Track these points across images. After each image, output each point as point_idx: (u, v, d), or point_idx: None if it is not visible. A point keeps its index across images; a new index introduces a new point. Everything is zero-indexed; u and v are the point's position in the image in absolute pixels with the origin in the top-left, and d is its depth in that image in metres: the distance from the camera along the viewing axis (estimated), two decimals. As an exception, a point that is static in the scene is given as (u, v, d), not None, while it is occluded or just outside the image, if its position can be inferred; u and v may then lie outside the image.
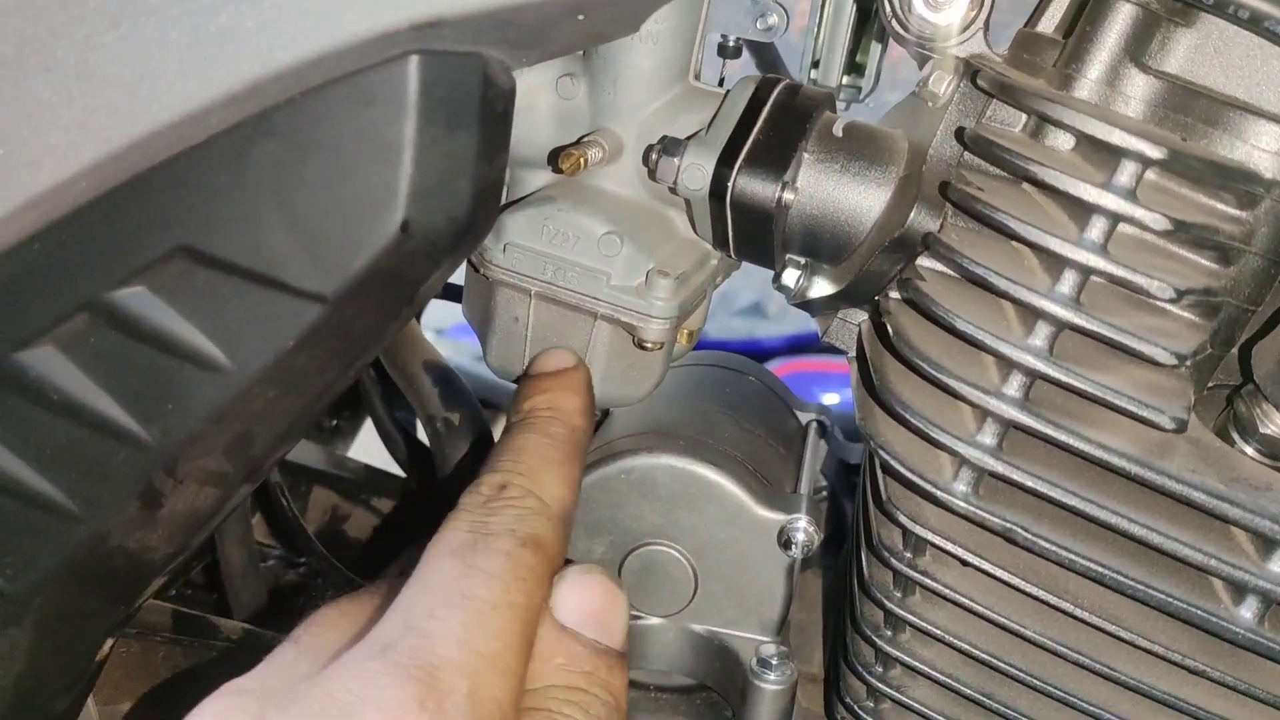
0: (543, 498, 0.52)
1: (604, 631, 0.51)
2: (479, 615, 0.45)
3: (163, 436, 0.52)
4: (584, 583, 0.51)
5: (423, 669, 0.42)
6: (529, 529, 0.50)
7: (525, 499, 0.52)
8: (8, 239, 0.50)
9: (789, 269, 0.63)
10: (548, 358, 0.63)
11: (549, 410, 0.58)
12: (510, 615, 0.46)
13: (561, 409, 0.59)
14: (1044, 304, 0.51)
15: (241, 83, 0.46)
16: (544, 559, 0.49)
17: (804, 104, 0.61)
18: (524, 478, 0.53)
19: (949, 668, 0.61)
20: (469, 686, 0.42)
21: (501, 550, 0.48)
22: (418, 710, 0.41)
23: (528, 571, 0.48)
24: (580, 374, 0.62)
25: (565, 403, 0.59)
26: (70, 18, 0.46)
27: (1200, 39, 0.53)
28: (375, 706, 0.40)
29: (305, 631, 0.48)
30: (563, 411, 0.59)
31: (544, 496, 0.52)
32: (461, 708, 0.41)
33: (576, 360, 0.63)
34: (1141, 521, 0.52)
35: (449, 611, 0.44)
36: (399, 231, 0.48)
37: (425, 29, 0.46)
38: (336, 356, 0.53)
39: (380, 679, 0.41)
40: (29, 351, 0.52)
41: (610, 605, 0.51)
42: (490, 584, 0.46)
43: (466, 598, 0.45)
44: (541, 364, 0.63)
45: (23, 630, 0.57)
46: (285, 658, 0.47)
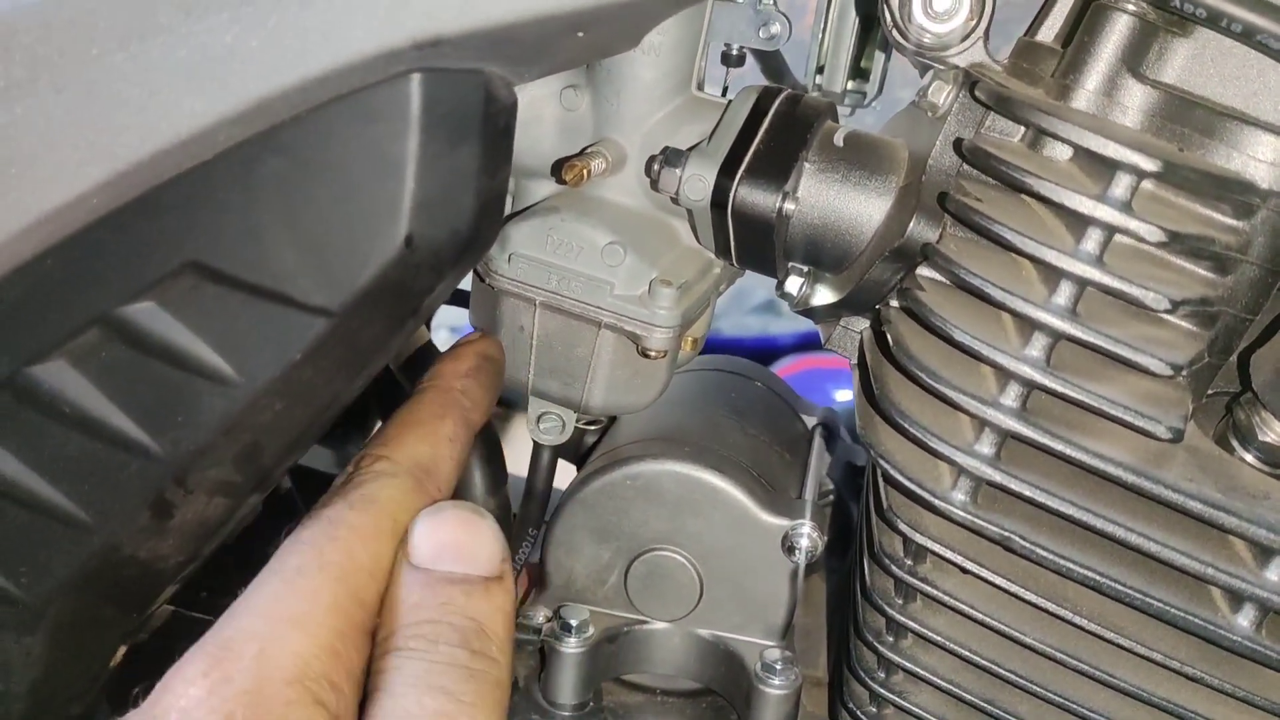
0: (392, 458, 0.53)
1: (462, 559, 0.50)
2: (283, 583, 0.46)
3: (173, 448, 0.53)
4: (433, 520, 0.51)
5: (218, 644, 0.44)
6: (362, 491, 0.51)
7: (374, 464, 0.53)
8: (21, 255, 0.51)
9: (791, 277, 0.64)
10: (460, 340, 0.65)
11: (427, 379, 0.60)
12: (321, 575, 0.47)
13: (438, 374, 0.60)
14: (1040, 315, 0.51)
15: (248, 101, 0.47)
16: (376, 514, 0.50)
17: (805, 114, 0.61)
18: (380, 447, 0.54)
19: (950, 673, 0.62)
20: (259, 648, 0.44)
21: (324, 517, 0.49)
22: (201, 680, 0.43)
23: (347, 530, 0.49)
24: (472, 345, 0.63)
25: (443, 369, 0.61)
26: (80, 38, 0.47)
27: (1197, 49, 0.53)
28: (168, 689, 0.43)
29: None
30: (438, 376, 0.60)
31: (394, 457, 0.53)
32: (247, 670, 0.43)
33: (480, 335, 0.65)
34: (1139, 530, 0.52)
35: (256, 589, 0.46)
36: (403, 245, 0.49)
37: (427, 47, 0.46)
38: (343, 368, 0.54)
39: (182, 664, 0.44)
40: (42, 366, 0.53)
41: (468, 533, 0.51)
42: (300, 550, 0.47)
43: (274, 571, 0.47)
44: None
45: (38, 638, 0.58)
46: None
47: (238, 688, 0.43)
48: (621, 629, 0.74)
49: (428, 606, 0.48)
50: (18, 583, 0.57)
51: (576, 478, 0.74)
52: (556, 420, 0.70)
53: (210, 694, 0.42)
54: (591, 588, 0.73)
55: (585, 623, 0.72)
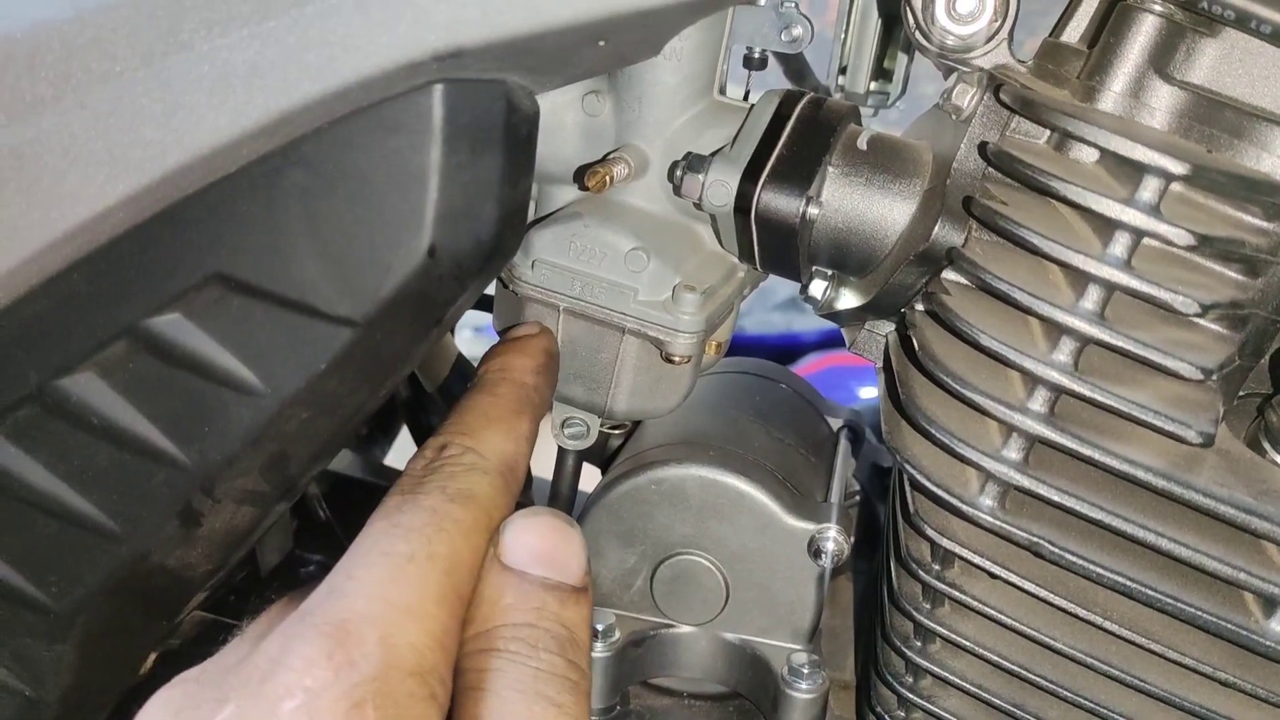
0: (481, 452, 0.52)
1: (555, 568, 0.50)
2: (394, 568, 0.45)
3: (200, 458, 0.54)
4: (528, 524, 0.51)
5: (333, 625, 0.43)
6: (459, 484, 0.50)
7: (463, 456, 0.52)
8: (48, 269, 0.51)
9: (815, 281, 0.63)
10: (514, 329, 0.65)
11: (498, 370, 0.59)
12: (430, 565, 0.46)
13: (510, 368, 0.60)
14: (1068, 319, 0.51)
15: (270, 115, 0.47)
16: (476, 511, 0.49)
17: (828, 117, 0.61)
18: (463, 436, 0.53)
19: (979, 678, 0.61)
20: (380, 634, 0.43)
21: (426, 506, 0.48)
22: (325, 663, 0.42)
23: (452, 524, 0.48)
24: (536, 339, 0.63)
25: (514, 363, 0.60)
26: (103, 55, 0.47)
27: (1225, 49, 0.52)
28: (286, 667, 0.42)
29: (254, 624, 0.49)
30: (511, 370, 0.59)
31: (482, 451, 0.52)
32: (371, 656, 0.42)
33: (540, 328, 0.64)
34: (1170, 535, 0.52)
35: (364, 570, 0.45)
36: (426, 256, 0.49)
37: (448, 59, 0.46)
38: (368, 378, 0.54)
39: (295, 641, 0.43)
40: (71, 378, 0.53)
41: (560, 541, 0.51)
42: (409, 537, 0.47)
43: (385, 555, 0.46)
44: (507, 334, 0.64)
45: (68, 646, 0.59)
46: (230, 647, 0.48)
47: (364, 674, 0.42)
48: (648, 633, 0.74)
49: (523, 610, 0.48)
50: (48, 591, 0.58)
51: (601, 482, 0.74)
52: (581, 425, 0.70)
53: (337, 678, 0.41)
54: (617, 592, 0.73)
55: (611, 627, 0.72)
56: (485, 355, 0.62)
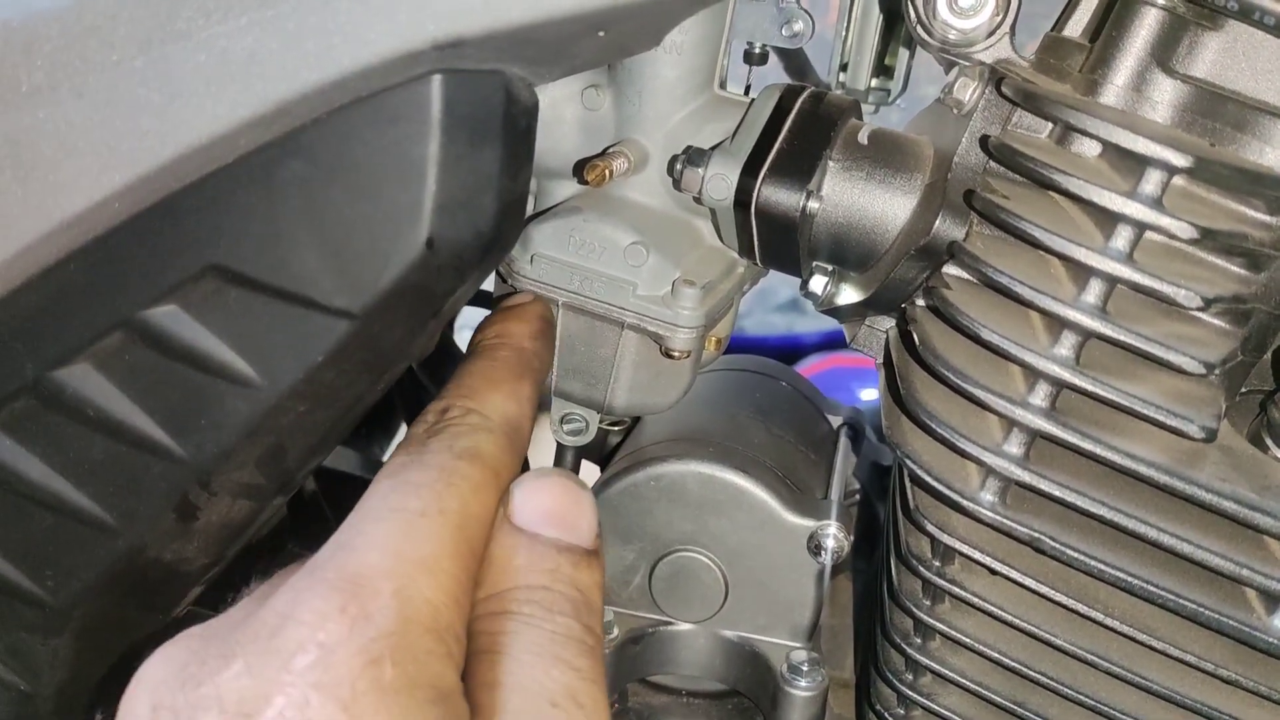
0: (484, 413, 0.51)
1: (567, 529, 0.49)
2: (406, 523, 0.44)
3: (196, 451, 0.53)
4: (539, 484, 0.50)
5: (346, 579, 0.42)
6: (465, 442, 0.49)
7: (466, 417, 0.51)
8: (45, 260, 0.51)
9: (816, 276, 0.63)
10: (508, 299, 0.64)
11: (496, 336, 0.59)
12: (441, 520, 0.45)
13: (508, 333, 0.59)
14: (1070, 313, 0.51)
15: (268, 105, 0.47)
16: (483, 468, 0.49)
17: (829, 112, 0.61)
18: (466, 398, 0.52)
19: (979, 675, 0.61)
20: (394, 588, 0.42)
21: (433, 464, 0.47)
22: (339, 616, 0.40)
23: (461, 480, 0.47)
24: (533, 305, 0.63)
25: (512, 328, 0.60)
26: (100, 44, 0.47)
27: (1228, 43, 0.52)
28: (297, 621, 0.40)
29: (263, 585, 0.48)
30: (509, 335, 0.59)
31: (486, 412, 0.52)
32: (387, 608, 0.41)
33: (533, 296, 0.64)
34: (1171, 531, 0.52)
35: (375, 525, 0.44)
36: (424, 248, 0.49)
37: (447, 49, 0.46)
38: (366, 370, 0.54)
39: (305, 595, 0.41)
40: (67, 369, 0.53)
41: (571, 502, 0.50)
42: (419, 493, 0.46)
43: (395, 510, 0.45)
44: (500, 303, 0.64)
45: (64, 640, 0.59)
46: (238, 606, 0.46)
47: (381, 629, 0.40)
48: (646, 630, 0.73)
49: (536, 571, 0.47)
50: (44, 585, 0.57)
51: (600, 479, 0.74)
52: (580, 421, 0.70)
53: (353, 632, 0.40)
54: (616, 589, 0.73)
55: (610, 624, 0.72)
56: (480, 324, 0.61)
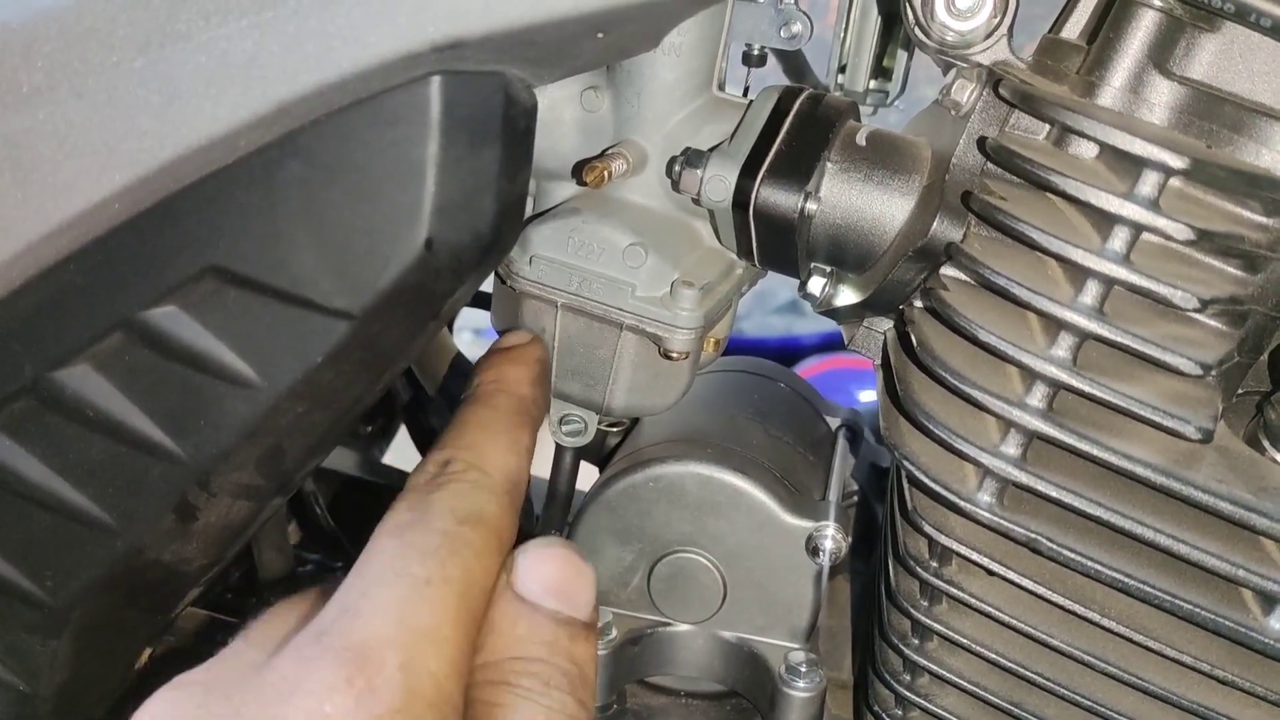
0: (485, 469, 0.52)
1: (567, 602, 0.50)
2: (413, 591, 0.44)
3: (196, 452, 0.54)
4: (543, 555, 0.50)
5: (352, 649, 0.42)
6: (469, 505, 0.49)
7: (467, 473, 0.51)
8: (44, 261, 0.51)
9: (814, 277, 0.63)
10: (504, 338, 0.64)
11: (494, 383, 0.58)
12: (446, 590, 0.45)
13: (506, 379, 0.59)
14: (1067, 314, 0.51)
15: (268, 106, 0.47)
16: (486, 533, 0.49)
17: (827, 113, 0.61)
18: (467, 450, 0.52)
19: (976, 676, 0.61)
20: (400, 660, 0.42)
21: (437, 529, 0.48)
22: (345, 688, 0.41)
23: (465, 546, 0.47)
24: (530, 348, 0.62)
25: (510, 374, 0.59)
26: (100, 45, 0.47)
27: (1225, 44, 0.52)
28: (305, 691, 0.41)
29: (255, 626, 0.48)
30: (508, 382, 0.59)
31: (487, 468, 0.52)
32: (393, 680, 0.41)
33: (531, 337, 0.64)
34: (1168, 532, 0.52)
35: (381, 590, 0.44)
36: (423, 249, 0.49)
37: (446, 50, 0.46)
38: (364, 371, 0.54)
39: (313, 663, 0.42)
40: (66, 370, 0.53)
41: (572, 575, 0.50)
42: (425, 560, 0.46)
43: (400, 575, 0.45)
44: (497, 344, 0.64)
45: (63, 641, 0.59)
46: (235, 650, 0.47)
47: (386, 704, 0.41)
48: (645, 631, 0.73)
49: (534, 643, 0.47)
50: (43, 586, 0.57)
51: (598, 480, 0.74)
52: (578, 422, 0.70)
53: (359, 706, 0.40)
54: (614, 590, 0.73)
55: (608, 625, 0.72)
56: (477, 365, 0.61)
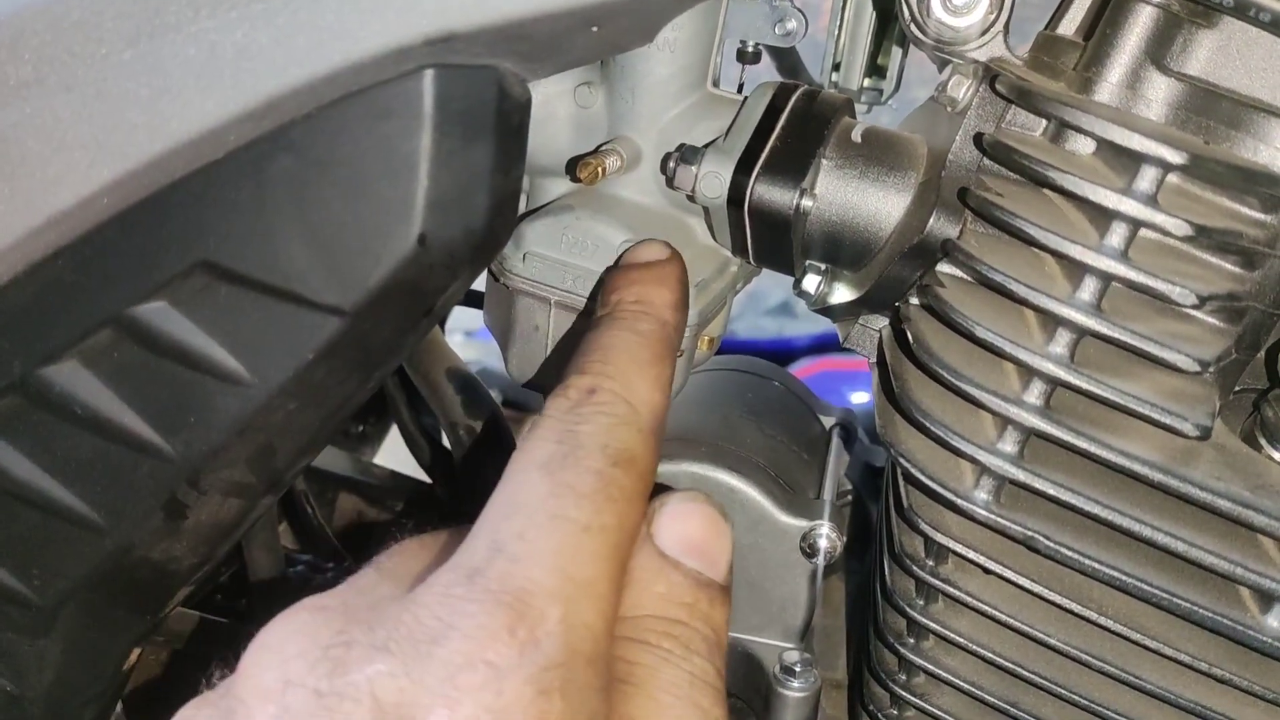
0: (634, 403, 0.48)
1: (707, 563, 0.47)
2: (570, 538, 0.41)
3: (185, 449, 0.53)
4: (687, 510, 0.47)
5: (513, 595, 0.39)
6: (620, 442, 0.46)
7: (616, 405, 0.47)
8: (32, 256, 0.51)
9: (809, 275, 0.63)
10: (640, 249, 0.60)
11: (637, 304, 0.54)
12: (603, 538, 0.42)
13: (652, 303, 0.54)
14: (1064, 311, 0.50)
15: (258, 99, 0.47)
16: (636, 476, 0.45)
17: (822, 110, 0.61)
18: (614, 380, 0.48)
19: (972, 675, 0.61)
20: (561, 613, 0.39)
21: (592, 468, 0.44)
22: (508, 638, 0.38)
23: (619, 491, 0.44)
24: (674, 266, 0.58)
25: (656, 296, 0.55)
26: (89, 38, 0.46)
27: (1222, 40, 0.52)
28: (463, 634, 0.38)
29: (387, 557, 0.46)
30: (653, 305, 0.54)
31: (634, 402, 0.48)
32: (554, 635, 0.39)
33: (671, 252, 0.59)
34: (1166, 529, 0.51)
35: (538, 534, 0.41)
36: (416, 244, 0.49)
37: (439, 43, 0.46)
38: (356, 368, 0.53)
39: (468, 605, 0.39)
40: (54, 367, 0.52)
41: (714, 535, 0.48)
42: (581, 504, 0.43)
43: (557, 518, 0.42)
44: (632, 255, 0.59)
45: (51, 640, 0.58)
46: (367, 580, 0.44)
47: (550, 658, 0.38)
48: (638, 631, 0.73)
49: (674, 604, 0.45)
50: (30, 585, 0.57)
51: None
52: (572, 421, 0.70)
53: (523, 658, 0.38)
54: (608, 590, 0.72)
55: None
56: (616, 281, 0.56)
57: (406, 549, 0.46)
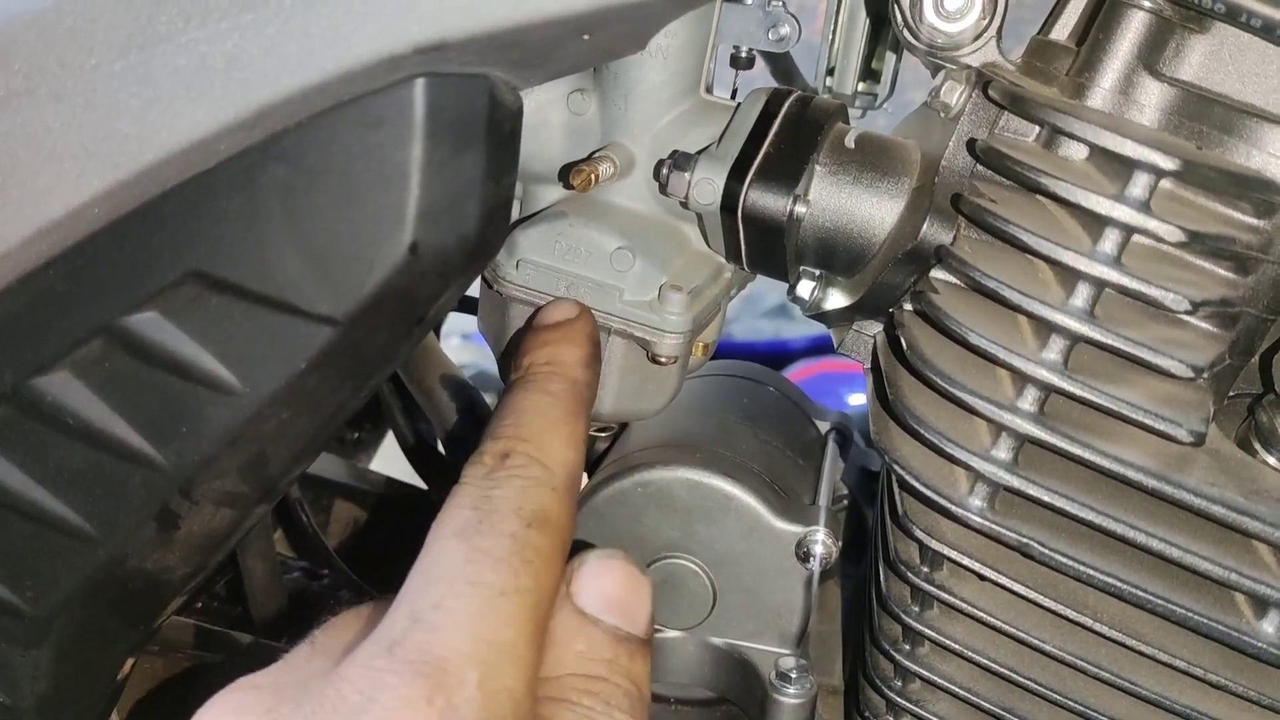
0: (547, 464, 0.49)
1: (626, 618, 0.48)
2: (487, 603, 0.43)
3: (178, 459, 0.53)
4: (605, 568, 0.49)
5: (430, 664, 0.40)
6: (535, 504, 0.47)
7: (530, 468, 0.49)
8: (23, 266, 0.51)
9: (803, 281, 0.63)
10: (550, 309, 0.60)
11: (548, 365, 0.56)
12: (520, 601, 0.44)
13: (562, 362, 0.56)
14: (1058, 317, 0.50)
15: (249, 108, 0.46)
16: (552, 536, 0.47)
17: (815, 116, 0.61)
18: (527, 443, 0.50)
19: (968, 682, 0.61)
20: (479, 678, 0.41)
21: (507, 532, 0.46)
22: (425, 708, 0.39)
23: (534, 553, 0.45)
24: (582, 324, 0.59)
25: (565, 355, 0.56)
26: (79, 48, 0.46)
27: (1215, 45, 0.52)
28: (383, 705, 0.39)
29: (322, 633, 0.47)
30: (563, 365, 0.56)
31: (548, 463, 0.50)
32: (473, 700, 0.40)
33: (579, 309, 0.60)
34: (1160, 536, 0.51)
35: (455, 601, 0.43)
36: (408, 253, 0.49)
37: (430, 52, 0.46)
38: (349, 377, 0.53)
39: (388, 677, 0.40)
40: (46, 377, 0.52)
41: (632, 591, 0.49)
42: (497, 568, 0.44)
43: (474, 584, 0.43)
44: (543, 316, 0.60)
45: (44, 651, 0.58)
46: (300, 657, 0.46)
47: None
48: (634, 638, 0.73)
49: (594, 661, 0.46)
50: (23, 595, 0.57)
51: (587, 485, 0.73)
52: (567, 427, 0.69)
53: None
54: (603, 596, 0.72)
55: (597, 632, 0.71)
56: (527, 343, 0.58)
57: (341, 622, 0.48)
